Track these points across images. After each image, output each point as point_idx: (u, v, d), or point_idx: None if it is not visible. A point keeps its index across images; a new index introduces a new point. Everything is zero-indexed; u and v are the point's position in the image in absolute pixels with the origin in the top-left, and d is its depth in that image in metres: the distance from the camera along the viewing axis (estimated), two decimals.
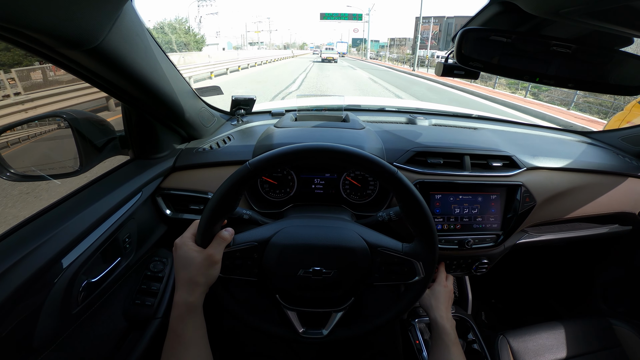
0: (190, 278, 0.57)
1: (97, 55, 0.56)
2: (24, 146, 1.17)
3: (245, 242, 0.64)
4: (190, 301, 0.57)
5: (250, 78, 14.50)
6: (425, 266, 0.66)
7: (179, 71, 0.86)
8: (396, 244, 0.67)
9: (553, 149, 1.13)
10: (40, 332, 0.58)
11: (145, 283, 0.88)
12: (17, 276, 0.53)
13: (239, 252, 0.64)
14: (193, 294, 0.57)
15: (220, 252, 0.60)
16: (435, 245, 0.64)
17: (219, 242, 0.60)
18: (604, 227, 1.16)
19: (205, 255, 0.58)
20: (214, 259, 0.58)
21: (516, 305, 1.65)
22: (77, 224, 0.65)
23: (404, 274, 0.67)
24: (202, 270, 0.58)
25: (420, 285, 0.68)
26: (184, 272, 0.58)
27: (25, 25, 0.43)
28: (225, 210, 0.60)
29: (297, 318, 0.69)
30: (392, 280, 0.67)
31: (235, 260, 0.64)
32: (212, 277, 0.59)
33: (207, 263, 0.58)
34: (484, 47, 0.64)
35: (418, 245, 0.66)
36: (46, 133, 0.86)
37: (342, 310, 0.69)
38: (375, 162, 0.59)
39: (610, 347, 1.00)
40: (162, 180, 0.92)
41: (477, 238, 0.94)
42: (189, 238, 0.61)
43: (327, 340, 0.69)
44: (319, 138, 0.99)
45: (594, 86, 0.66)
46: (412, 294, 0.69)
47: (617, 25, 0.51)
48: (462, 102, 9.54)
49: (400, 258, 0.66)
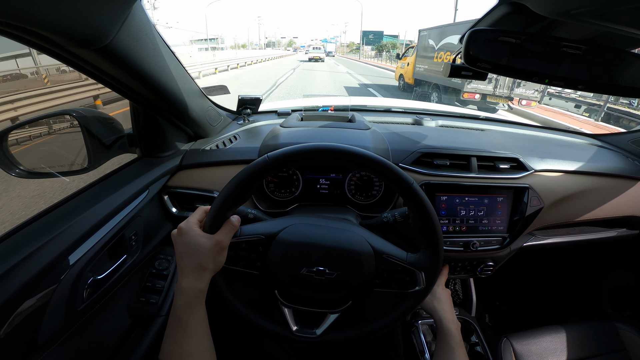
0: (199, 264, 0.56)
1: (107, 54, 0.57)
2: (35, 144, 1.18)
3: (253, 234, 0.64)
4: (200, 287, 0.55)
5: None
6: (427, 277, 0.65)
7: (187, 71, 0.87)
8: (401, 253, 0.66)
9: (561, 151, 1.12)
10: (46, 328, 0.58)
11: (150, 281, 0.88)
12: (25, 272, 0.54)
13: (244, 243, 0.64)
14: (202, 280, 0.56)
15: (229, 238, 0.59)
16: (441, 258, 0.64)
17: (229, 228, 0.59)
18: (612, 231, 1.14)
19: (215, 241, 0.56)
20: (222, 244, 0.57)
21: (521, 308, 1.64)
22: (85, 222, 0.66)
23: (405, 283, 0.66)
24: (212, 257, 0.56)
25: (419, 296, 0.67)
26: (190, 258, 0.56)
27: (37, 24, 0.43)
28: (238, 199, 0.59)
29: (292, 316, 0.70)
30: (392, 287, 0.67)
31: (240, 251, 0.64)
32: (220, 263, 0.58)
33: (216, 249, 0.56)
34: (493, 48, 0.63)
35: (423, 257, 0.65)
36: (56, 131, 0.87)
37: (338, 313, 0.69)
38: (394, 171, 0.59)
39: (615, 351, 0.99)
40: (169, 178, 0.93)
41: (483, 240, 0.94)
42: (194, 224, 0.58)
43: (319, 342, 0.69)
44: (326, 138, 0.99)
45: (604, 88, 0.65)
46: (409, 303, 0.68)
47: (627, 27, 0.50)
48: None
49: (404, 267, 0.65)
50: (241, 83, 12.77)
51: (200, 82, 9.55)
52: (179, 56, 0.80)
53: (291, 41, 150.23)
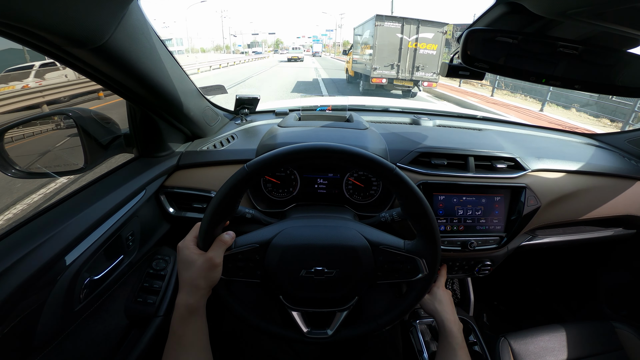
0: (192, 280, 0.58)
1: (103, 54, 0.56)
2: (30, 143, 1.17)
3: (247, 244, 0.64)
4: (190, 303, 0.58)
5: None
6: (428, 263, 0.65)
7: (184, 70, 0.86)
8: (398, 242, 0.66)
9: (558, 150, 1.12)
10: (42, 329, 0.58)
11: (147, 281, 0.88)
12: (21, 273, 0.53)
13: (240, 254, 0.64)
14: (194, 296, 0.58)
15: (221, 255, 0.60)
16: (437, 241, 0.63)
17: (219, 245, 0.61)
18: (609, 230, 1.15)
19: (205, 259, 0.58)
20: (213, 262, 0.59)
21: (519, 307, 1.64)
22: (81, 222, 0.66)
23: (407, 272, 0.66)
24: (203, 273, 0.58)
25: (424, 283, 0.67)
26: (186, 275, 0.59)
27: (33, 24, 0.43)
28: (224, 213, 0.60)
29: (302, 318, 0.69)
30: (395, 278, 0.67)
31: (237, 262, 0.64)
32: (213, 279, 0.60)
33: (207, 266, 0.58)
34: (490, 47, 0.63)
35: (420, 242, 0.65)
36: (51, 131, 0.86)
37: (347, 310, 0.69)
38: (373, 159, 0.58)
39: (612, 350, 1.00)
40: (166, 178, 0.92)
41: (480, 240, 0.94)
42: (190, 241, 0.61)
43: (332, 340, 0.69)
44: (323, 138, 0.99)
45: (601, 87, 0.65)
46: (416, 292, 0.68)
47: (624, 27, 0.50)
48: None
49: (403, 256, 0.65)
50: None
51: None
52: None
53: (278, 41, 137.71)
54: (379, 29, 8.57)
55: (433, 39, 8.64)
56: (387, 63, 8.85)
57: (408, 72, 8.86)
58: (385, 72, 8.89)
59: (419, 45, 8.64)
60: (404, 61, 8.80)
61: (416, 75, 8.84)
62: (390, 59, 8.83)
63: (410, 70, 8.82)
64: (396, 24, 8.53)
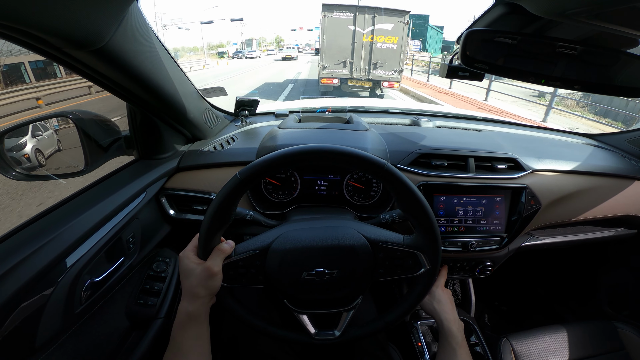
0: (191, 289, 0.59)
1: (103, 56, 0.56)
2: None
3: (246, 251, 0.65)
4: (190, 310, 0.59)
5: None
6: (429, 257, 0.65)
7: (184, 72, 0.87)
8: (397, 237, 0.66)
9: (558, 151, 1.12)
10: (43, 330, 0.58)
11: (148, 283, 0.88)
12: (22, 275, 0.53)
13: (241, 261, 0.64)
14: (193, 303, 0.59)
15: (219, 264, 0.61)
16: (436, 234, 0.63)
17: (218, 254, 0.61)
18: (610, 230, 1.15)
19: (204, 267, 0.59)
20: (212, 270, 0.59)
21: (520, 308, 1.64)
22: (82, 224, 0.66)
23: (409, 267, 0.66)
24: (202, 282, 0.59)
25: (428, 277, 0.67)
26: (186, 283, 0.60)
27: (32, 26, 0.43)
28: (221, 222, 0.60)
29: (309, 321, 0.69)
30: (397, 274, 0.67)
31: (238, 269, 0.64)
32: (212, 287, 0.60)
33: (205, 274, 0.59)
34: (489, 48, 0.64)
35: (419, 237, 0.65)
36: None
37: (352, 310, 0.69)
38: (363, 157, 0.58)
39: (614, 351, 0.99)
40: (167, 180, 0.92)
41: (481, 240, 0.94)
42: (190, 251, 0.63)
43: (341, 341, 0.68)
44: (323, 139, 0.99)
45: (600, 88, 0.65)
46: (420, 287, 0.68)
47: (623, 27, 0.51)
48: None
49: (403, 251, 0.65)
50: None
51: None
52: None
53: (278, 38, 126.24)
54: (326, 21, 7.29)
55: (392, 30, 7.31)
56: (338, 60, 7.62)
57: (364, 71, 7.64)
58: (337, 71, 7.68)
59: (375, 39, 7.36)
60: (357, 58, 7.55)
61: (374, 74, 7.62)
62: (341, 56, 7.58)
63: (366, 68, 7.60)
64: (347, 14, 7.25)
